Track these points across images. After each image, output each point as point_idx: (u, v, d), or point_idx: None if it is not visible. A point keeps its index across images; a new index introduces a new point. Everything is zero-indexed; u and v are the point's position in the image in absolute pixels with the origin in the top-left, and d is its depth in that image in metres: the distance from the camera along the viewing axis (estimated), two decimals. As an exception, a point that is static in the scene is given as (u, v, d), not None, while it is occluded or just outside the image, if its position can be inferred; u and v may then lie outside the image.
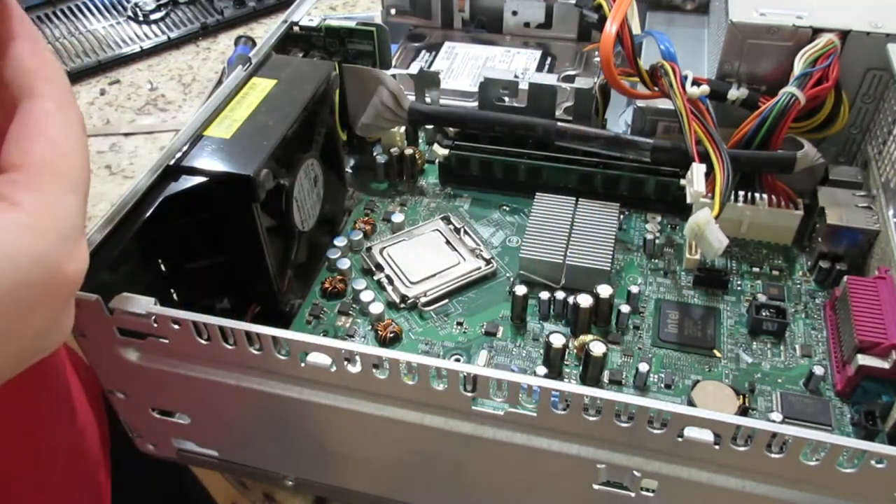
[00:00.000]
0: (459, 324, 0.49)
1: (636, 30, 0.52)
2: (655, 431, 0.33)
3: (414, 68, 0.65)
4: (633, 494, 0.36)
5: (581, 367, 0.45)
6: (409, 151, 0.59)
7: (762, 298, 0.48)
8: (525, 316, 0.49)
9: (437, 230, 0.55)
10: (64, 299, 0.26)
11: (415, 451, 0.39)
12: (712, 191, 0.47)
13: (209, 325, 0.36)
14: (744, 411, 0.42)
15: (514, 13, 0.71)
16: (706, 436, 0.32)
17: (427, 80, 0.60)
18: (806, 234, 0.53)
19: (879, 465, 0.31)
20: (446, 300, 0.50)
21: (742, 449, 0.32)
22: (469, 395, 0.35)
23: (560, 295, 0.49)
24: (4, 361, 0.24)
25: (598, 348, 0.43)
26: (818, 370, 0.44)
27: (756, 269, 0.52)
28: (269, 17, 0.92)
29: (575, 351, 0.47)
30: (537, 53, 0.68)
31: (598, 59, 0.54)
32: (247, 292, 0.48)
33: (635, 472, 0.35)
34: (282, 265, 0.48)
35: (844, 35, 0.51)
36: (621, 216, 0.56)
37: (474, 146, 0.57)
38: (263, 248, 0.45)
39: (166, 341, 0.37)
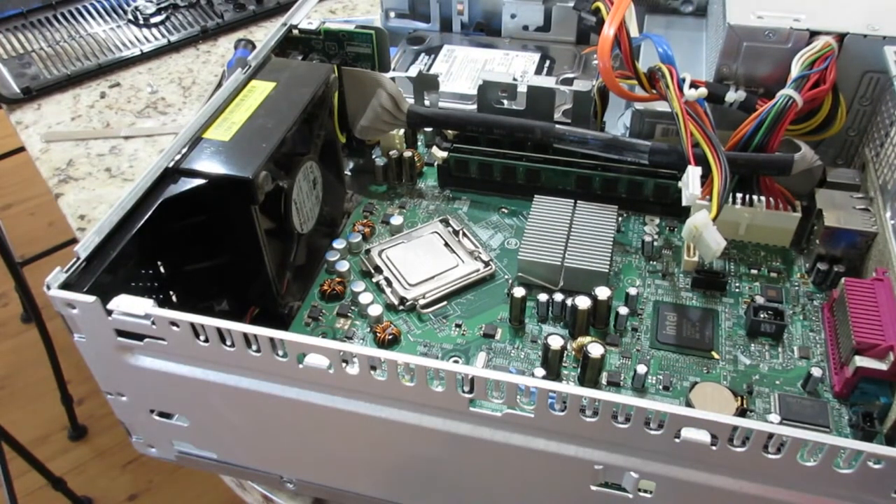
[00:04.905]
0: (458, 326, 0.49)
1: (634, 32, 0.52)
2: (653, 432, 0.33)
3: (413, 71, 0.66)
4: (630, 496, 0.36)
5: (579, 369, 0.45)
6: (408, 154, 0.59)
7: (760, 300, 0.48)
8: (523, 318, 0.49)
9: (436, 232, 0.55)
10: None
11: (413, 453, 0.39)
12: (710, 193, 0.47)
13: (207, 326, 0.36)
14: (742, 413, 0.42)
15: (513, 16, 0.71)
16: (703, 437, 0.33)
17: (426, 83, 0.60)
18: (804, 236, 0.53)
19: (877, 466, 0.31)
20: (445, 302, 0.50)
21: (739, 450, 0.32)
22: (467, 396, 0.35)
23: (558, 297, 0.49)
24: None
25: (596, 350, 0.43)
26: (816, 372, 0.44)
27: (754, 271, 0.52)
28: (269, 20, 0.92)
29: (573, 353, 0.47)
30: (536, 56, 0.68)
31: (596, 61, 0.54)
32: (246, 294, 0.48)
33: (633, 473, 0.35)
34: (280, 267, 0.48)
35: (841, 38, 0.51)
36: (619, 218, 0.56)
37: (473, 149, 0.57)
38: (262, 250, 0.45)
39: (165, 343, 0.38)
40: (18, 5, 0.86)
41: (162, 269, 0.45)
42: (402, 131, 0.61)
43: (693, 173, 0.47)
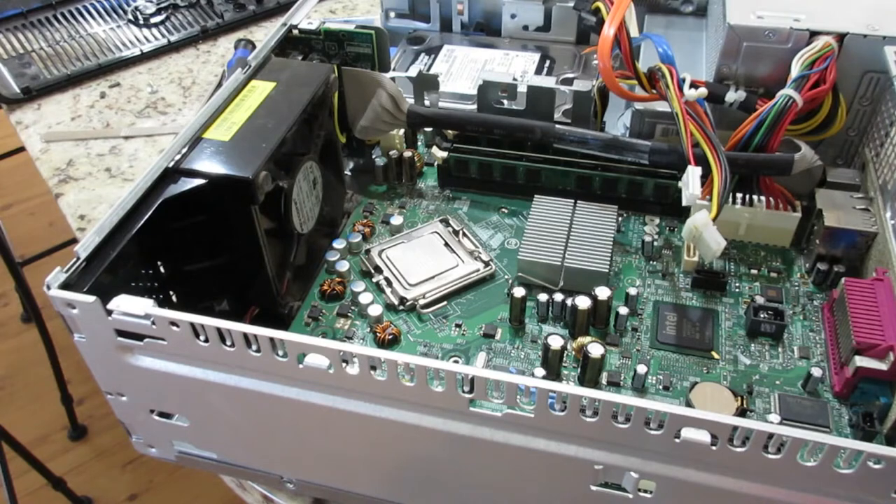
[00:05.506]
0: (458, 326, 0.49)
1: (634, 32, 0.52)
2: (653, 432, 0.33)
3: (413, 71, 0.66)
4: (630, 496, 0.36)
5: (579, 369, 0.45)
6: (407, 154, 0.59)
7: (760, 300, 0.48)
8: (523, 318, 0.49)
9: (436, 232, 0.55)
10: None
11: (413, 453, 0.39)
12: (710, 193, 0.47)
13: (207, 326, 0.36)
14: (742, 413, 0.42)
15: (513, 16, 0.71)
16: (703, 437, 0.32)
17: (426, 83, 0.60)
18: (804, 236, 0.53)
19: (877, 466, 0.31)
20: (445, 302, 0.50)
21: (739, 450, 0.32)
22: (467, 396, 0.35)
23: (558, 297, 0.49)
24: None
25: (596, 350, 0.43)
26: (816, 372, 0.44)
27: (754, 271, 0.52)
28: (269, 20, 0.92)
29: (573, 353, 0.47)
30: (536, 56, 0.68)
31: (596, 61, 0.54)
32: (246, 294, 0.48)
33: (633, 473, 0.35)
34: (280, 267, 0.48)
35: (841, 37, 0.51)
36: (619, 218, 0.56)
37: (473, 149, 0.57)
38: (262, 250, 0.45)
39: (165, 343, 0.38)
40: (18, 5, 0.86)
41: (162, 269, 0.45)
42: (402, 131, 0.61)
43: (693, 173, 0.47)
